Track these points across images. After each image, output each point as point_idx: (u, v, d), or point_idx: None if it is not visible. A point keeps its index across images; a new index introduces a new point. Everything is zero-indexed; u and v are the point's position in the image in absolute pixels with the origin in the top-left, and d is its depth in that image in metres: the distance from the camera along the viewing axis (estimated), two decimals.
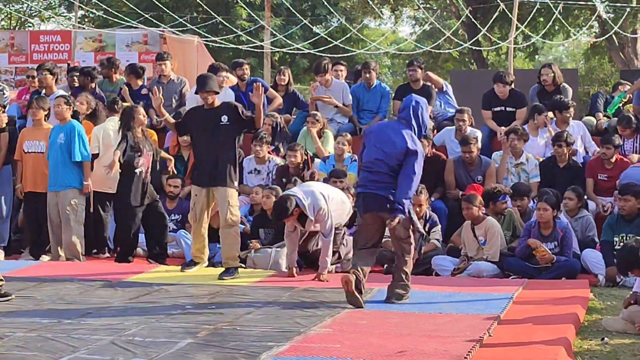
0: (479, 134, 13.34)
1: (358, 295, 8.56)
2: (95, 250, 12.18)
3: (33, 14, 38.59)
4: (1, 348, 6.93)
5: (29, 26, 37.43)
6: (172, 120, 10.71)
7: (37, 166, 11.89)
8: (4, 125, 12.36)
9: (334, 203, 10.12)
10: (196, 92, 10.58)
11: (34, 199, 11.97)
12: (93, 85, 14.30)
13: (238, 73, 14.39)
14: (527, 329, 7.85)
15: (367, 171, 8.84)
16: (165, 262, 11.44)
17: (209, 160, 10.24)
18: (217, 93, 10.34)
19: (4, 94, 13.48)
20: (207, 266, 10.79)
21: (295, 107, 14.88)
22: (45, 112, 12.00)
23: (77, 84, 14.29)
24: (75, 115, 11.93)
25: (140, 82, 14.65)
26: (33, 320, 7.87)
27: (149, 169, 11.47)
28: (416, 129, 8.77)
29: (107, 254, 12.18)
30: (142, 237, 12.02)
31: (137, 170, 11.28)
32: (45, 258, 11.71)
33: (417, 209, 11.18)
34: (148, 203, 11.45)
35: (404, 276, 8.89)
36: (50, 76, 13.48)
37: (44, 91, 13.47)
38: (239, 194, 12.45)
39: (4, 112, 12.59)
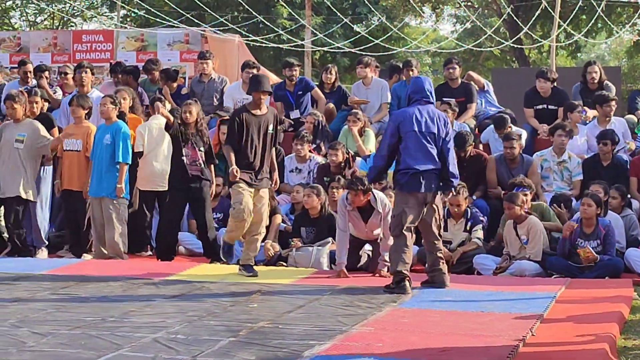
0: (523, 132, 13.26)
1: None
2: (137, 249, 12.25)
3: (75, 14, 38.91)
4: (45, 345, 6.99)
5: (71, 26, 37.74)
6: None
7: (73, 164, 11.90)
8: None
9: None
10: (249, 93, 10.54)
11: (70, 197, 12.00)
12: (136, 84, 14.37)
13: (288, 73, 14.44)
14: (570, 328, 7.80)
15: None
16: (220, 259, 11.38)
17: (256, 163, 10.31)
18: (271, 94, 10.40)
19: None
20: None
21: (344, 105, 14.84)
22: (86, 111, 12.00)
23: (120, 81, 14.33)
24: (121, 115, 11.94)
25: (175, 85, 14.62)
26: (77, 318, 7.93)
27: (197, 163, 11.49)
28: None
29: (150, 252, 12.24)
30: (182, 236, 12.09)
31: (183, 158, 11.33)
32: (87, 256, 11.77)
33: (456, 209, 11.15)
34: (193, 194, 11.46)
35: None
36: (92, 75, 13.53)
37: (75, 90, 13.48)
38: (280, 193, 12.48)
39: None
